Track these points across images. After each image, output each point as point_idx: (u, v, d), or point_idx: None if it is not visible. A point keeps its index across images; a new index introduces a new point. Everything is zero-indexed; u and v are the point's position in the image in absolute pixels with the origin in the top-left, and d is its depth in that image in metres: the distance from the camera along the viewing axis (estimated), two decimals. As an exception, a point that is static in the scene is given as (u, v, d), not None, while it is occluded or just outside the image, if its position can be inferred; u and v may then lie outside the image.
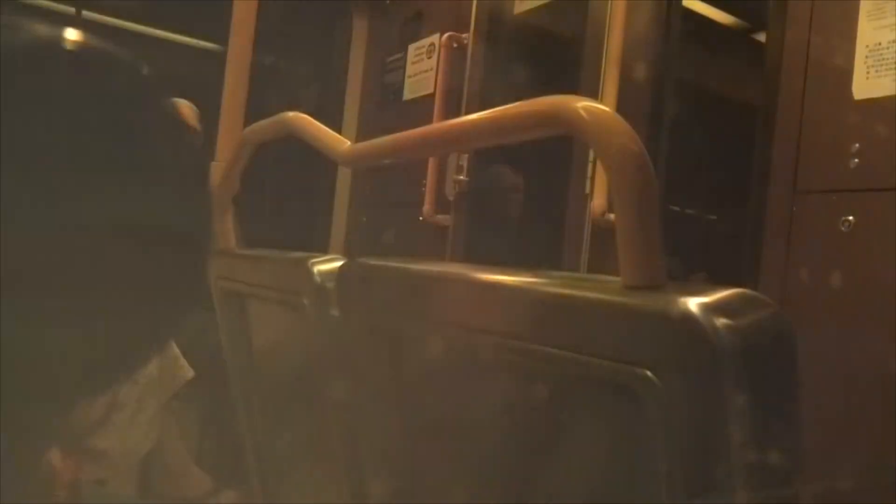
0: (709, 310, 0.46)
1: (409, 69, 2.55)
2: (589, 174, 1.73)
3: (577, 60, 1.91)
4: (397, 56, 2.63)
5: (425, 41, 2.48)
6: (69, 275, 0.34)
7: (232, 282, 1.20)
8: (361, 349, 0.84)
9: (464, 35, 2.27)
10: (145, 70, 0.36)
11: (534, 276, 0.60)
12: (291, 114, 1.02)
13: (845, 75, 1.27)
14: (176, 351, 1.84)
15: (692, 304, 0.46)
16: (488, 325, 0.65)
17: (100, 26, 2.74)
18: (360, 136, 2.72)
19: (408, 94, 2.55)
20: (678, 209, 2.30)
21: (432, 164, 2.25)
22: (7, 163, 0.32)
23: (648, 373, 0.47)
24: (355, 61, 2.86)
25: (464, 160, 2.21)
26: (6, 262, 0.32)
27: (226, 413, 1.45)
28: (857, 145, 1.24)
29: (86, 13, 2.73)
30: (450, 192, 2.24)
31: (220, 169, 1.20)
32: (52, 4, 2.63)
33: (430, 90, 2.37)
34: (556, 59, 2.24)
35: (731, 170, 1.84)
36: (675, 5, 1.74)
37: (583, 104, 0.54)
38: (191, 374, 1.88)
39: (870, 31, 1.25)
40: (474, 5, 2.24)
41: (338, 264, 0.90)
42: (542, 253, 2.02)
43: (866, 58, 1.25)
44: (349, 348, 0.86)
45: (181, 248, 0.38)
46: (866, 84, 1.25)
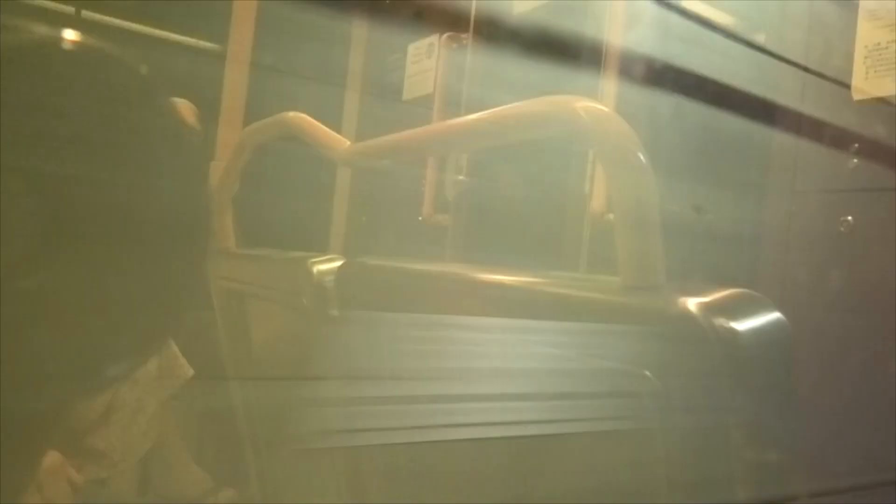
0: (708, 310, 0.46)
1: (409, 69, 2.55)
2: (588, 174, 1.73)
3: (576, 60, 1.91)
4: (397, 56, 2.63)
5: (425, 41, 2.48)
6: (68, 274, 0.34)
7: (231, 281, 1.20)
8: (361, 349, 0.84)
9: (463, 35, 2.26)
10: (145, 70, 0.36)
11: (533, 277, 0.60)
12: (291, 113, 1.02)
13: (845, 75, 1.27)
14: (175, 350, 1.84)
15: (691, 304, 0.46)
16: (488, 326, 0.65)
17: (100, 26, 2.74)
18: (360, 135, 2.72)
19: (407, 94, 2.55)
20: (678, 209, 2.30)
21: (432, 164, 2.25)
22: (7, 163, 0.32)
23: (647, 373, 0.47)
24: (355, 61, 2.86)
25: (463, 160, 2.21)
26: (4, 261, 0.32)
27: (226, 413, 1.45)
28: (856, 145, 1.24)
29: (85, 13, 2.73)
30: (449, 193, 2.24)
31: (219, 168, 1.20)
32: (52, 4, 2.63)
33: (430, 90, 2.36)
34: (555, 60, 2.24)
35: (731, 169, 1.84)
36: (674, 4, 1.74)
37: (582, 104, 0.54)
38: (190, 372, 1.87)
39: (870, 31, 1.25)
40: (474, 5, 2.24)
41: (337, 264, 0.91)
42: (541, 253, 2.02)
43: (866, 58, 1.25)
44: (349, 348, 0.86)
45: (180, 248, 0.38)
46: (866, 84, 1.25)
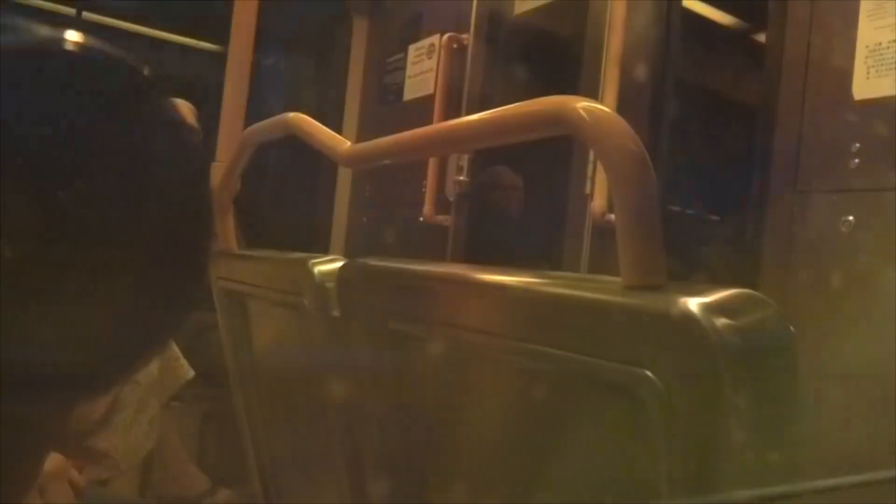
0: (709, 310, 0.46)
1: (410, 70, 2.55)
2: (589, 174, 1.73)
3: (577, 61, 1.91)
4: (397, 56, 2.63)
5: (425, 42, 2.48)
6: (68, 275, 0.34)
7: (232, 282, 1.20)
8: (362, 349, 0.84)
9: (464, 36, 2.27)
10: (146, 71, 0.36)
11: (534, 277, 0.60)
12: (292, 114, 1.02)
13: (845, 75, 1.27)
14: (177, 351, 1.84)
15: (692, 304, 0.46)
16: (488, 326, 0.65)
17: (100, 27, 2.74)
18: (361, 136, 2.72)
19: (408, 95, 2.55)
20: (678, 209, 2.30)
21: (432, 164, 2.25)
22: (6, 163, 0.32)
23: (648, 373, 0.47)
24: (355, 62, 2.86)
25: (464, 161, 2.21)
26: (4, 262, 0.32)
27: (226, 413, 1.45)
28: (857, 145, 1.24)
29: (86, 14, 2.73)
30: (450, 193, 2.24)
31: (220, 169, 1.21)
32: (53, 6, 2.63)
33: (431, 91, 2.37)
34: (556, 60, 2.24)
35: (732, 170, 1.84)
36: (675, 5, 1.74)
37: (583, 104, 0.54)
38: (191, 374, 1.88)
39: (870, 31, 1.25)
40: (474, 6, 2.24)
41: (338, 265, 0.91)
42: (542, 253, 2.02)
43: (866, 58, 1.25)
44: (349, 349, 0.86)
45: (181, 249, 0.38)
46: (866, 84, 1.25)
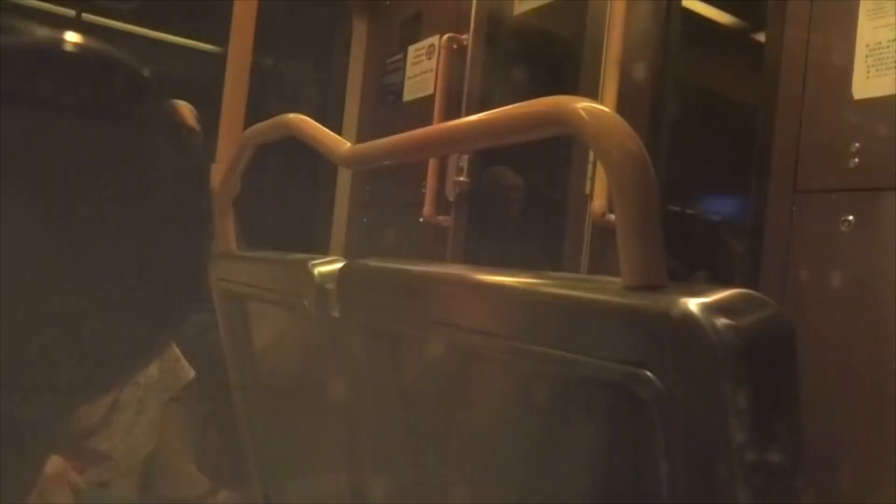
0: (709, 310, 0.46)
1: (409, 70, 2.55)
2: (589, 175, 1.73)
3: (576, 61, 1.91)
4: (397, 57, 2.63)
5: (425, 42, 2.48)
6: (69, 276, 0.34)
7: (232, 283, 1.20)
8: (362, 350, 0.84)
9: (463, 36, 2.27)
10: (145, 72, 0.36)
11: (534, 277, 0.60)
12: (292, 115, 1.02)
13: (845, 75, 1.27)
14: (177, 352, 1.85)
15: (692, 304, 0.46)
16: (489, 327, 0.65)
17: (100, 29, 2.74)
18: (361, 137, 2.72)
19: (408, 96, 2.55)
20: (678, 209, 2.30)
21: (432, 165, 2.25)
22: (6, 164, 0.32)
23: (648, 373, 0.47)
24: (355, 62, 2.86)
25: (464, 161, 2.21)
26: (5, 263, 0.32)
27: (226, 414, 1.45)
28: (857, 145, 1.24)
29: (86, 16, 2.73)
30: (450, 194, 2.24)
31: (220, 170, 1.20)
32: (52, 7, 2.63)
33: (430, 91, 2.37)
34: (555, 60, 2.24)
35: (731, 169, 1.84)
36: (674, 5, 1.74)
37: (583, 105, 0.54)
38: (192, 375, 1.88)
39: (869, 31, 1.25)
40: (474, 6, 2.24)
41: (338, 266, 0.91)
42: (542, 254, 2.02)
43: (866, 57, 1.25)
44: (349, 349, 0.86)
45: (181, 250, 0.38)
46: (866, 83, 1.25)
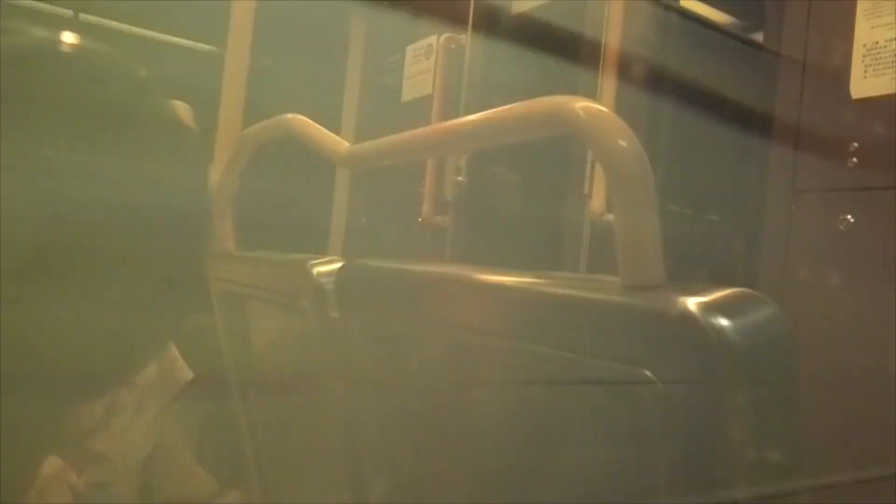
0: (708, 309, 0.46)
1: (408, 70, 2.55)
2: (588, 174, 1.73)
3: (574, 60, 1.91)
4: (395, 57, 2.63)
5: (423, 42, 2.48)
6: (68, 276, 0.34)
7: (231, 283, 1.20)
8: (360, 350, 0.84)
9: (461, 36, 2.27)
10: (143, 72, 0.36)
11: (533, 277, 0.60)
12: (290, 115, 1.02)
13: (843, 74, 1.27)
14: (175, 353, 1.84)
15: (691, 303, 0.46)
16: (488, 327, 0.65)
17: (98, 29, 2.74)
18: (359, 137, 2.72)
19: (406, 96, 2.55)
20: (676, 208, 2.30)
21: (431, 165, 2.25)
22: (6, 164, 0.32)
23: (647, 373, 0.47)
24: (353, 62, 2.86)
25: (462, 161, 2.21)
26: (6, 263, 0.32)
27: (225, 415, 1.45)
28: (855, 144, 1.24)
29: (83, 16, 2.73)
30: (449, 194, 2.24)
31: (219, 170, 1.20)
32: (51, 8, 2.63)
33: (429, 91, 2.37)
34: (553, 60, 2.24)
35: (730, 169, 1.84)
36: (672, 4, 1.74)
37: (581, 104, 0.54)
38: (190, 375, 1.87)
39: (867, 30, 1.25)
40: (472, 6, 2.24)
41: (337, 266, 0.90)
42: (541, 254, 2.02)
43: (864, 57, 1.25)
44: (348, 350, 0.86)
45: (180, 250, 0.38)
46: (864, 83, 1.25)
